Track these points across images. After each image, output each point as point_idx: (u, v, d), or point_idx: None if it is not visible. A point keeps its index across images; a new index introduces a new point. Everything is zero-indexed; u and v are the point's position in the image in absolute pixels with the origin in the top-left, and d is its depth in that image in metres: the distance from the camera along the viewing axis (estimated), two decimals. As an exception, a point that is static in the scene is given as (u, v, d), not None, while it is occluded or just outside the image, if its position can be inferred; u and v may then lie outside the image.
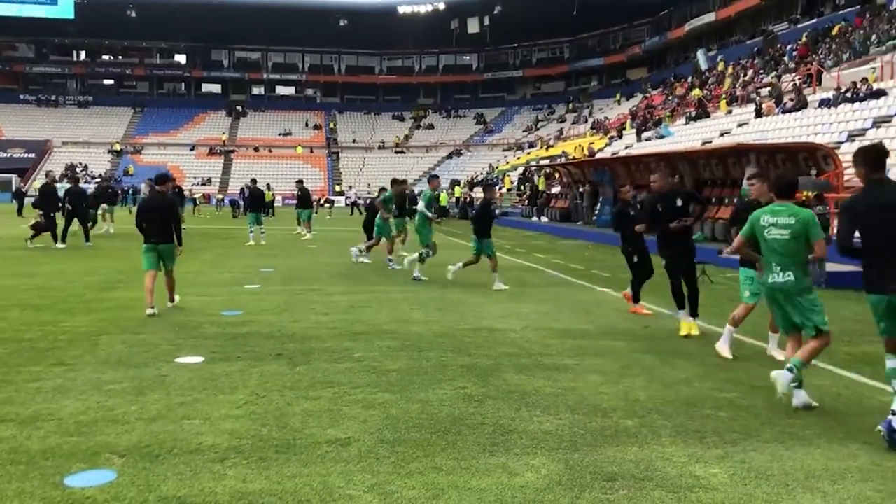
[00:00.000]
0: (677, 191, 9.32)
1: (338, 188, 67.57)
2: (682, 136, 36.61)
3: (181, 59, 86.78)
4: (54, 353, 7.24)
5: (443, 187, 53.80)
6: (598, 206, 29.10)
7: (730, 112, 36.24)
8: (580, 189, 32.11)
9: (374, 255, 16.69)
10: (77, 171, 64.14)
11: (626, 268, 10.62)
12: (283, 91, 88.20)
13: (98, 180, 51.59)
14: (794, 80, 34.36)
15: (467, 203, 42.79)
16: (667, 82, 58.49)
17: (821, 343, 5.85)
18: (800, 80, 33.71)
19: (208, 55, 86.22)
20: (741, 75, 43.84)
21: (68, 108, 79.47)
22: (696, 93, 45.06)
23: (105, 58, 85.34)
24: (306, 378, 6.50)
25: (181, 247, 10.23)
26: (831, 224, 16.23)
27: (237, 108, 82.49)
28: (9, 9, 72.27)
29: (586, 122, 62.65)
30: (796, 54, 39.58)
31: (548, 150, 57.27)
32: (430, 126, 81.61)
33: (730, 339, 7.70)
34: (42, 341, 7.80)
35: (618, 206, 11.19)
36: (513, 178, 51.11)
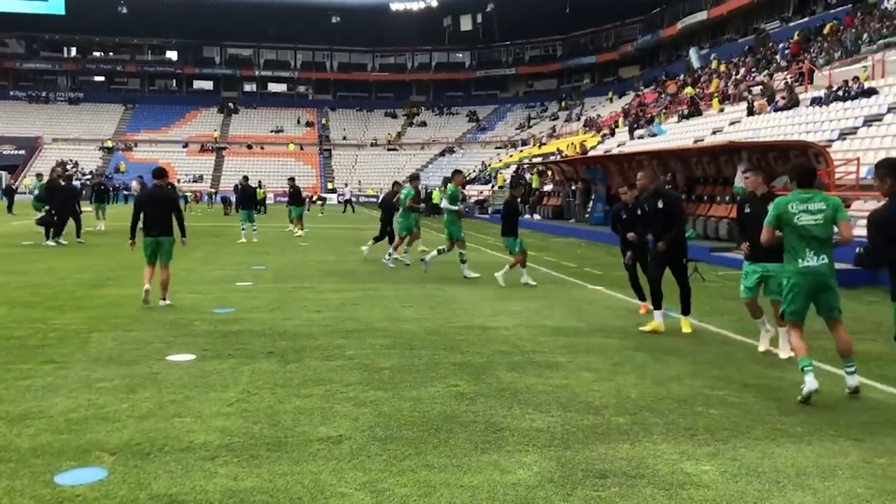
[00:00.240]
0: (661, 192, 9.11)
1: (330, 185, 67.46)
2: (675, 134, 36.68)
3: (173, 55, 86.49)
4: (44, 351, 7.21)
5: (434, 185, 53.84)
6: (591, 203, 29.13)
7: (722, 110, 36.33)
8: (573, 187, 32.14)
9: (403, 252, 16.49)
10: (68, 167, 64.00)
11: (621, 266, 10.62)
12: (275, 88, 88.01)
13: (89, 177, 51.44)
14: (785, 78, 34.46)
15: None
16: (659, 80, 58.61)
17: (844, 328, 6.23)
18: (791, 78, 33.80)
19: (200, 52, 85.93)
20: (733, 74, 43.94)
21: (59, 104, 79.10)
22: (689, 91, 45.15)
23: (96, 54, 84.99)
24: (298, 376, 6.49)
25: (185, 238, 10.66)
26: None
27: (229, 104, 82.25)
28: (-1, 5, 71.97)
29: (579, 119, 62.71)
30: (788, 53, 39.71)
31: (540, 147, 57.31)
32: (423, 123, 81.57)
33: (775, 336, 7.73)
34: (32, 339, 7.76)
35: (614, 207, 11.14)
36: (505, 175, 51.12)
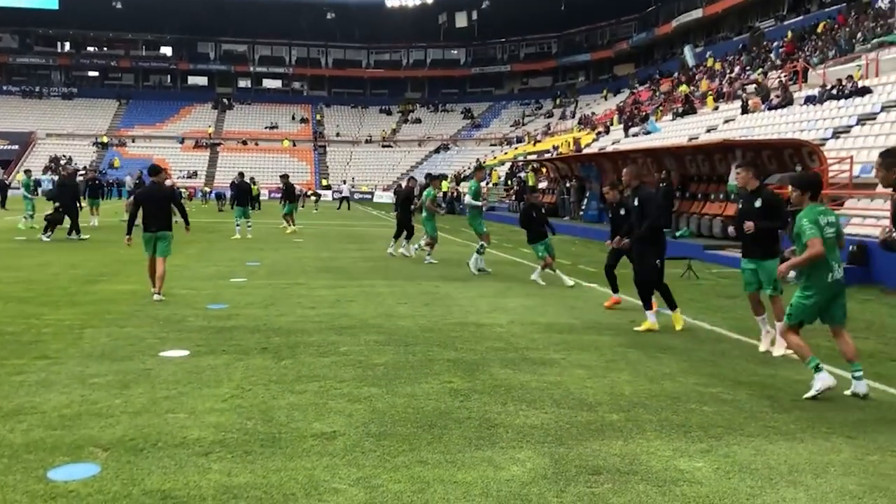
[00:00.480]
0: (639, 189, 9.12)
1: (325, 182, 67.35)
2: (669, 131, 36.71)
3: (167, 51, 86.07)
4: (38, 347, 7.20)
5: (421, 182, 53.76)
6: (585, 201, 29.14)
7: (716, 108, 36.37)
8: (567, 184, 32.16)
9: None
10: (61, 163, 63.77)
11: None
12: (269, 84, 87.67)
13: (83, 173, 51.25)
14: (780, 77, 34.52)
15: (454, 198, 42.77)
16: (653, 78, 58.68)
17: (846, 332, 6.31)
18: (786, 77, 33.86)
19: (194, 47, 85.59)
20: (727, 72, 43.99)
21: (52, 99, 78.71)
22: (683, 89, 45.20)
23: (90, 49, 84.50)
24: (292, 372, 6.49)
25: (188, 227, 11.61)
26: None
27: (223, 100, 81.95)
28: (-9, -1, 71.61)
29: (573, 117, 62.73)
30: (782, 51, 39.78)
31: (535, 145, 57.32)
32: (418, 120, 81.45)
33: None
34: (26, 334, 7.75)
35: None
36: (500, 172, 51.13)
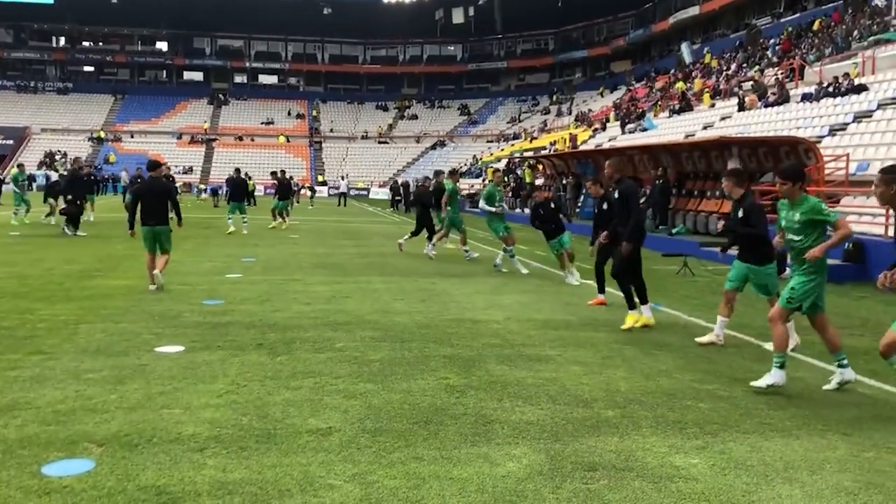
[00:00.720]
0: (621, 183, 9.12)
1: (321, 178, 67.27)
2: (666, 128, 36.74)
3: (163, 46, 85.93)
4: (33, 342, 7.17)
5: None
6: (582, 198, 29.14)
7: (713, 106, 36.40)
8: (564, 181, 32.16)
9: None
10: (56, 157, 63.59)
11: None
12: (265, 79, 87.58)
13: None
14: (776, 74, 34.54)
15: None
16: (650, 75, 58.70)
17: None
18: (782, 74, 33.88)
19: (190, 42, 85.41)
20: (724, 69, 44.02)
21: (47, 94, 78.52)
22: (680, 86, 45.22)
23: (85, 44, 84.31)
24: (287, 368, 6.47)
25: (181, 224, 11.31)
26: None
27: (219, 96, 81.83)
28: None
29: (570, 114, 62.73)
30: (779, 49, 39.81)
31: (531, 141, 57.32)
32: (414, 116, 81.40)
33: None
34: (20, 329, 7.71)
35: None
36: (497, 169, 51.07)
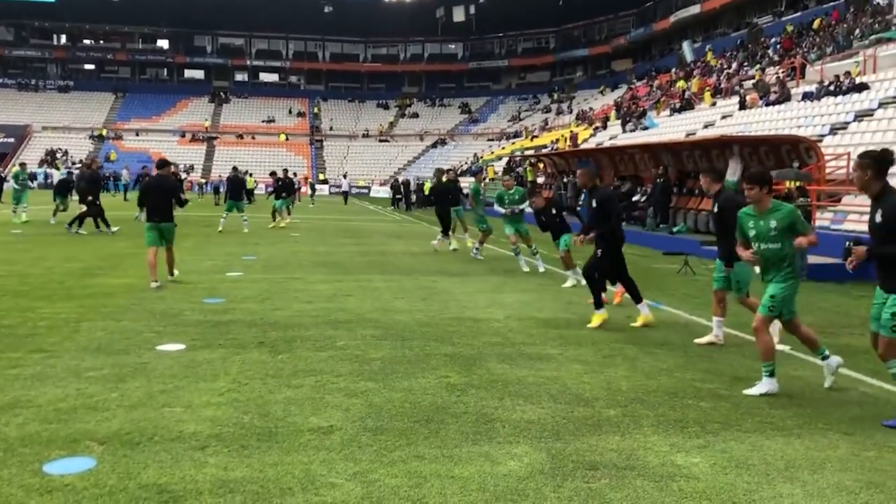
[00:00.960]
0: (597, 192, 9.27)
1: (322, 176, 67.27)
2: (667, 127, 36.72)
3: (164, 44, 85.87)
4: (34, 340, 7.17)
5: (427, 177, 53.76)
6: (582, 196, 29.10)
7: (714, 104, 36.37)
8: (564, 180, 32.14)
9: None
10: (58, 156, 63.60)
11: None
12: (266, 78, 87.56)
13: (79, 166, 51.09)
14: (777, 73, 34.51)
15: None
16: (651, 74, 58.67)
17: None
18: (783, 73, 33.86)
19: (191, 41, 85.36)
20: (724, 68, 43.98)
21: (49, 92, 78.47)
22: (681, 84, 45.19)
23: (86, 42, 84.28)
24: (288, 366, 6.48)
25: (182, 206, 11.73)
26: (813, 217, 16.38)
27: (220, 94, 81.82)
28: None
29: (571, 112, 62.71)
30: (780, 47, 39.78)
31: (532, 140, 57.29)
32: (415, 115, 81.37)
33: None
34: (21, 327, 7.72)
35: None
36: (497, 168, 51.09)
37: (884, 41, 29.50)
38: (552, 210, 12.96)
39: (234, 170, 23.92)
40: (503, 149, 60.47)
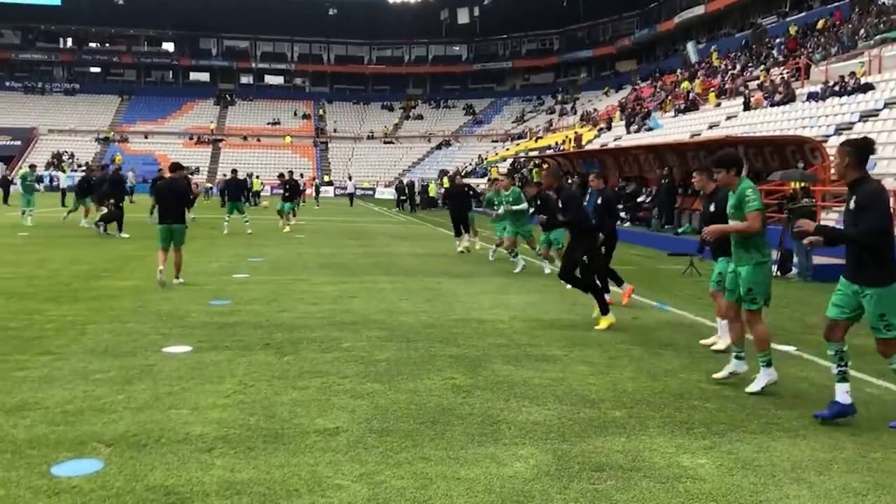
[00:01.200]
0: (561, 192, 9.29)
1: (327, 178, 67.36)
2: (671, 128, 36.70)
3: (169, 46, 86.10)
4: (41, 342, 7.20)
5: (431, 178, 53.78)
6: (587, 197, 29.09)
7: (718, 105, 36.33)
8: (569, 180, 32.13)
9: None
10: (64, 158, 63.78)
11: (618, 260, 10.72)
12: (271, 80, 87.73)
13: (83, 169, 51.22)
14: (782, 73, 34.45)
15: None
16: (655, 75, 58.62)
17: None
18: (788, 73, 33.80)
19: (196, 43, 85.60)
20: (729, 68, 43.92)
21: (55, 95, 78.76)
22: (686, 85, 45.15)
23: (92, 45, 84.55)
24: (294, 368, 6.49)
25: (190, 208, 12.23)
26: (818, 217, 16.33)
27: (225, 96, 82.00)
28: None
29: (575, 113, 62.69)
30: (785, 48, 39.71)
31: (537, 141, 57.28)
32: (420, 116, 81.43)
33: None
34: (28, 330, 7.74)
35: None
36: (501, 169, 51.08)
37: (889, 41, 29.45)
38: (537, 201, 13.06)
39: (234, 172, 23.99)
40: (507, 150, 60.48)
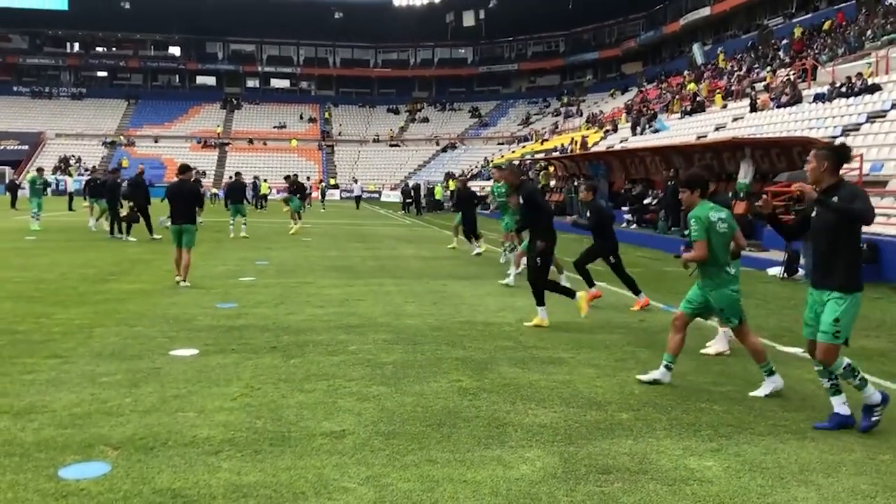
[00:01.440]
0: (522, 188, 9.46)
1: (333, 181, 67.47)
2: (678, 130, 36.63)
3: (175, 51, 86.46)
4: (48, 345, 7.22)
5: (437, 181, 53.79)
6: (593, 199, 29.06)
7: (725, 106, 36.25)
8: (575, 183, 32.09)
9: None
10: (71, 162, 64.02)
11: (623, 263, 10.71)
12: (277, 84, 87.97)
13: (88, 173, 51.40)
14: (788, 74, 34.37)
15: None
16: (661, 77, 58.58)
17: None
18: (794, 74, 33.71)
19: (203, 47, 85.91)
20: (735, 70, 43.85)
21: (62, 99, 79.15)
22: (692, 87, 45.08)
23: (99, 49, 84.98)
24: (301, 370, 6.49)
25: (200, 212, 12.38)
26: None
27: (232, 100, 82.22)
28: (2, 0, 71.93)
29: (581, 116, 62.65)
30: (791, 49, 39.63)
31: (542, 143, 57.26)
32: (425, 119, 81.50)
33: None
34: (36, 333, 7.77)
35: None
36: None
37: (896, 42, 29.35)
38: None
39: (237, 175, 24.06)
40: (513, 152, 60.47)
